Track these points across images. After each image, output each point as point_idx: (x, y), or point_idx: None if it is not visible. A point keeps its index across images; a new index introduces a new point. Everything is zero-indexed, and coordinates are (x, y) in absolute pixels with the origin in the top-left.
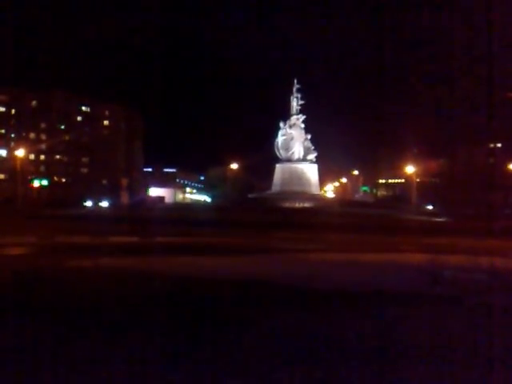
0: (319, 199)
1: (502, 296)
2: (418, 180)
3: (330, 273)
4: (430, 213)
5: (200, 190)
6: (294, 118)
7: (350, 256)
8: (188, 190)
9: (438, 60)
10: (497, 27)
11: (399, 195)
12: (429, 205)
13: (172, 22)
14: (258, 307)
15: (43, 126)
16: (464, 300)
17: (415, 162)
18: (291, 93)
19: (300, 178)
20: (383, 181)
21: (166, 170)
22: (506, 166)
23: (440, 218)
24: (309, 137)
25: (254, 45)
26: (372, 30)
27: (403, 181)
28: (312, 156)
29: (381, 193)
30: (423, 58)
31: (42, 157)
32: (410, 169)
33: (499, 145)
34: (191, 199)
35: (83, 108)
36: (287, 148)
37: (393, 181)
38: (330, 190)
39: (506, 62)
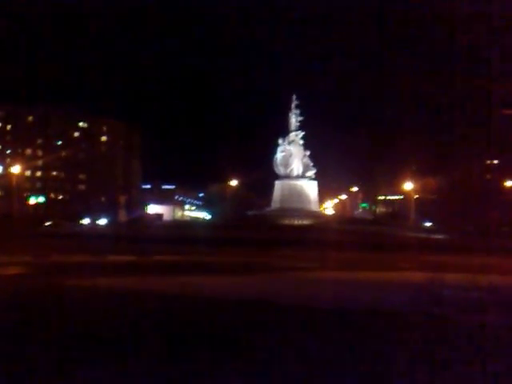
0: (318, 216)
1: (501, 315)
2: (416, 196)
3: (330, 292)
4: (428, 230)
5: (199, 207)
6: (292, 135)
7: (349, 274)
8: (187, 206)
9: (436, 78)
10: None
11: (398, 212)
12: (427, 221)
13: (171, 38)
14: (258, 329)
15: (40, 141)
16: (462, 320)
17: (414, 178)
18: (290, 109)
19: (299, 194)
20: (382, 197)
21: (164, 186)
22: (503, 183)
23: (438, 234)
24: (308, 153)
25: (253, 60)
26: (371, 46)
27: (402, 197)
28: (311, 173)
29: (380, 209)
30: (421, 76)
31: (39, 173)
32: (408, 185)
33: (496, 161)
34: (190, 216)
35: (80, 124)
36: (286, 164)
37: (392, 197)
38: (329, 207)
39: (504, 80)
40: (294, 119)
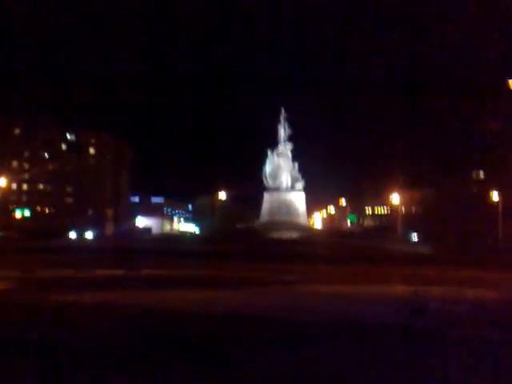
0: (307, 229)
1: (484, 329)
2: (403, 209)
3: (316, 305)
4: (414, 243)
5: (188, 220)
6: (281, 147)
7: (336, 288)
8: (176, 219)
9: (424, 94)
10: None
11: (385, 225)
12: (414, 234)
13: (159, 49)
14: (246, 344)
15: (26, 154)
16: (446, 333)
17: (400, 191)
18: (278, 122)
19: (288, 207)
20: (369, 210)
21: (153, 199)
22: (488, 197)
23: (424, 248)
24: (296, 165)
25: (242, 72)
26: (358, 58)
27: (389, 210)
28: (300, 185)
29: (367, 222)
30: (409, 93)
31: (25, 186)
32: (395, 198)
33: (482, 175)
34: (179, 230)
35: (68, 136)
36: (275, 177)
37: (379, 210)
38: (317, 219)
39: (489, 98)
40: (282, 132)
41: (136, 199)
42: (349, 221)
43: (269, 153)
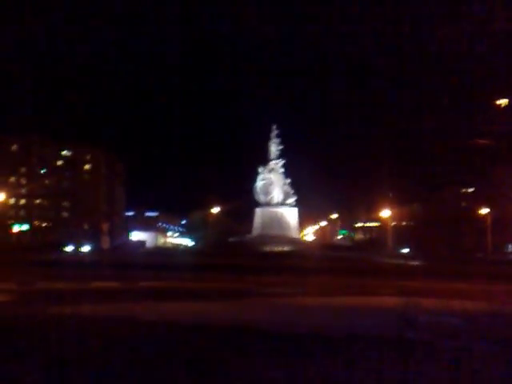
0: (298, 243)
1: (474, 341)
2: (393, 224)
3: (308, 317)
4: (405, 256)
5: (182, 234)
6: (273, 163)
7: (327, 300)
8: (169, 233)
9: (409, 110)
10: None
11: (376, 238)
12: (404, 248)
13: (153, 64)
14: (241, 356)
15: (23, 170)
16: (436, 344)
17: (391, 206)
18: (270, 138)
19: (280, 221)
20: (360, 224)
21: (147, 213)
22: (477, 211)
23: (414, 261)
24: (288, 181)
25: (234, 88)
26: (350, 74)
27: (379, 224)
28: (291, 200)
29: (358, 236)
30: (400, 107)
31: (23, 201)
32: (385, 213)
33: (471, 190)
34: (172, 243)
35: (64, 152)
36: (267, 192)
37: (369, 224)
38: (309, 233)
39: (480, 110)
40: (274, 148)
41: (131, 214)
42: (340, 234)
43: (260, 169)
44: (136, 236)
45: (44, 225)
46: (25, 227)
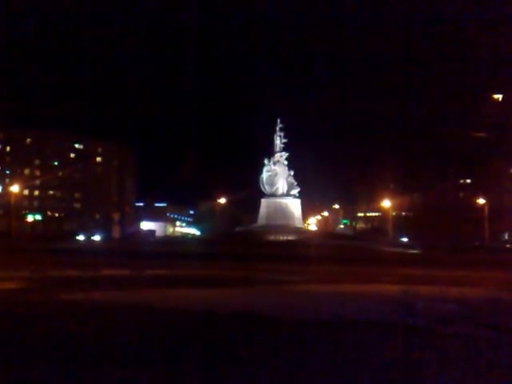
0: (302, 232)
1: (471, 326)
2: (393, 213)
3: (313, 303)
4: (405, 245)
5: (190, 224)
6: (277, 156)
7: (330, 287)
8: (178, 223)
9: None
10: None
11: (376, 228)
12: (404, 237)
13: (160, 58)
14: (248, 341)
15: (37, 162)
16: (435, 330)
17: (391, 196)
18: (275, 131)
19: (284, 212)
20: (362, 214)
21: (156, 204)
22: (475, 201)
23: (414, 249)
24: (292, 173)
25: (241, 84)
26: (353, 69)
27: (380, 214)
28: (295, 191)
29: (359, 225)
30: (400, 99)
31: (36, 192)
32: (386, 203)
33: (468, 180)
34: (181, 232)
35: (76, 145)
36: (272, 184)
37: (370, 214)
38: (312, 223)
39: (478, 103)
40: (278, 141)
41: (141, 204)
42: (342, 224)
43: (266, 161)
44: (145, 225)
45: (57, 215)
46: (38, 217)
